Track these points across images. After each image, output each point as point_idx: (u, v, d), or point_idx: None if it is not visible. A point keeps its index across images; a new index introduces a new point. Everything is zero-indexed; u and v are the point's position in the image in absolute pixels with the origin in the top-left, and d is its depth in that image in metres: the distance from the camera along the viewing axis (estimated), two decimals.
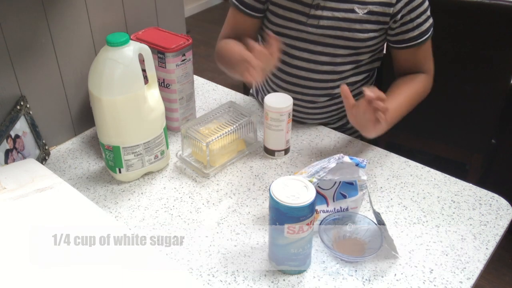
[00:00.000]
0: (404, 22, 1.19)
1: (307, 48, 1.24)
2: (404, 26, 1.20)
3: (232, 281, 0.90)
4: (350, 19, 1.18)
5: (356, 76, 1.29)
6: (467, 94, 1.65)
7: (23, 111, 1.14)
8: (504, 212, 1.04)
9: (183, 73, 1.24)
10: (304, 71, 1.26)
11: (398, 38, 1.22)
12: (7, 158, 1.08)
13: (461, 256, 0.94)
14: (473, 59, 1.59)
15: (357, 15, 1.17)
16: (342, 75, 1.26)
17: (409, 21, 1.19)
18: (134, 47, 1.03)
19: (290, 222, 0.83)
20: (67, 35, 1.20)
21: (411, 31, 1.20)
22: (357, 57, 1.24)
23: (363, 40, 1.20)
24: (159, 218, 1.04)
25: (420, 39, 1.21)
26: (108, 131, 1.07)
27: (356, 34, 1.19)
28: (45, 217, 0.90)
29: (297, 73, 1.27)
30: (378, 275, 0.91)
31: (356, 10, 1.17)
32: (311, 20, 1.20)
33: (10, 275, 0.78)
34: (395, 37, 1.22)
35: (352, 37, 1.19)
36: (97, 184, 1.14)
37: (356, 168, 0.96)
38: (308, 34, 1.22)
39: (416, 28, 1.19)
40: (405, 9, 1.17)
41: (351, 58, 1.24)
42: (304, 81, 1.28)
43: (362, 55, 1.24)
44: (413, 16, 1.18)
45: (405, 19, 1.18)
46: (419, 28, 1.20)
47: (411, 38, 1.21)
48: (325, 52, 1.23)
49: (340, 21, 1.19)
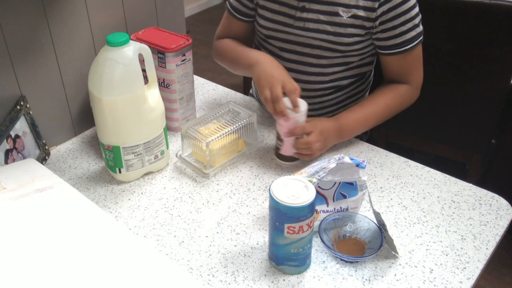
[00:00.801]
0: (386, 29, 1.18)
1: (295, 50, 1.25)
2: (385, 33, 1.19)
3: (232, 281, 0.90)
4: (334, 23, 1.18)
5: (347, 79, 1.30)
6: (467, 94, 1.65)
7: (23, 111, 1.14)
8: (504, 212, 1.04)
9: (183, 73, 1.24)
10: (294, 73, 1.28)
11: (381, 43, 1.22)
12: (7, 158, 1.08)
13: (461, 256, 0.95)
14: (473, 59, 1.59)
15: (341, 18, 1.18)
16: (331, 77, 1.27)
17: (391, 27, 1.18)
18: (134, 47, 1.03)
19: (290, 222, 0.83)
20: (67, 35, 1.20)
21: (393, 38, 1.19)
22: (344, 59, 1.25)
23: (348, 44, 1.21)
24: (159, 218, 1.04)
25: (403, 47, 1.20)
26: (108, 131, 1.07)
27: (340, 38, 1.19)
28: (45, 217, 0.90)
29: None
30: (378, 275, 0.91)
31: (340, 13, 1.17)
32: (298, 23, 1.22)
33: (10, 275, 0.78)
34: (379, 42, 1.22)
35: (336, 41, 1.20)
36: (97, 184, 1.14)
37: (356, 168, 0.96)
38: (296, 37, 1.23)
39: (399, 36, 1.19)
40: (387, 15, 1.17)
41: (338, 60, 1.24)
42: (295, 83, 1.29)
43: (350, 58, 1.25)
44: (396, 23, 1.17)
45: (386, 26, 1.18)
46: (402, 36, 1.18)
47: (393, 46, 1.20)
48: (312, 54, 1.24)
49: (325, 24, 1.19)
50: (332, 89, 1.30)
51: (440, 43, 1.59)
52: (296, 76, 1.27)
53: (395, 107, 1.25)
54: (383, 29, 1.19)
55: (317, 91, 1.29)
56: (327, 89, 1.29)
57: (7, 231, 0.86)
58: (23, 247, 0.83)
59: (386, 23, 1.18)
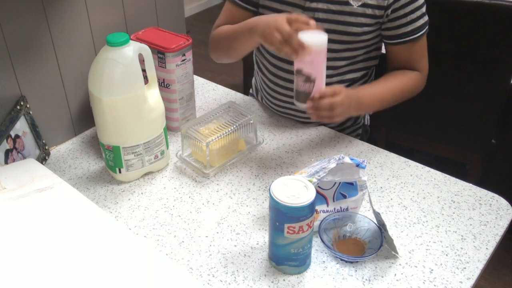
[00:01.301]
0: (397, 17, 1.18)
1: None
2: (397, 21, 1.19)
3: (232, 281, 0.90)
4: (344, 12, 1.18)
5: (353, 73, 1.29)
6: (467, 94, 1.65)
7: (23, 111, 1.14)
8: (504, 212, 1.04)
9: (183, 73, 1.24)
10: None
11: (391, 33, 1.22)
12: (7, 158, 1.08)
13: (461, 256, 0.95)
14: (473, 59, 1.60)
15: (351, 7, 1.17)
16: (338, 70, 1.26)
17: (402, 15, 1.18)
18: (134, 47, 1.03)
19: (290, 222, 0.83)
20: (67, 35, 1.20)
21: (404, 26, 1.19)
22: (351, 53, 1.24)
23: (357, 34, 1.20)
24: (159, 218, 1.04)
25: (413, 35, 1.20)
26: (108, 131, 1.07)
27: (350, 28, 1.19)
28: (45, 217, 0.90)
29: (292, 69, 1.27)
30: (378, 275, 0.91)
31: (351, 2, 1.17)
32: (307, 13, 1.20)
33: (10, 275, 0.78)
34: (388, 32, 1.22)
35: (346, 31, 1.19)
36: (97, 184, 1.14)
37: (356, 169, 0.96)
38: None
39: (410, 24, 1.19)
40: (398, 2, 1.17)
41: (345, 53, 1.24)
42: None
43: (356, 51, 1.24)
44: (406, 10, 1.17)
45: (398, 13, 1.18)
46: (412, 24, 1.19)
47: (404, 34, 1.20)
48: None
49: (335, 14, 1.18)
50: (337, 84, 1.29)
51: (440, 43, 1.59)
52: None
53: (409, 90, 1.25)
54: (395, 17, 1.19)
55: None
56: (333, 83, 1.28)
57: (7, 231, 0.86)
58: (23, 247, 0.83)
59: (398, 10, 1.17)
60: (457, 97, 1.67)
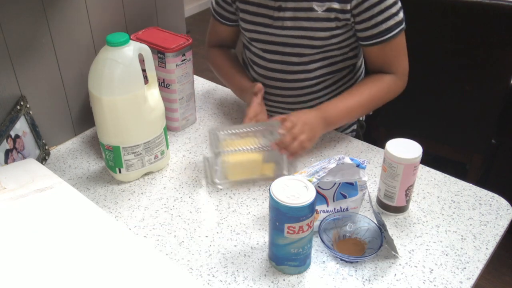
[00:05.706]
0: (363, 19, 1.17)
1: (277, 50, 1.25)
2: (363, 23, 1.18)
3: (232, 281, 0.90)
4: (310, 18, 1.18)
5: (333, 74, 1.29)
6: (467, 94, 1.65)
7: (23, 111, 1.14)
8: (504, 212, 1.04)
9: (183, 73, 1.24)
10: (279, 73, 1.28)
11: (360, 34, 1.21)
12: (7, 158, 1.08)
13: (461, 256, 0.95)
14: (473, 59, 1.59)
15: (316, 13, 1.17)
16: (315, 73, 1.27)
17: (368, 18, 1.17)
18: (134, 47, 1.03)
19: (290, 222, 0.83)
20: (67, 35, 1.20)
21: (370, 29, 1.18)
22: (325, 54, 1.24)
23: (325, 38, 1.20)
24: (159, 218, 1.04)
25: (383, 36, 1.18)
26: (108, 131, 1.07)
27: (317, 33, 1.19)
28: (45, 217, 0.90)
29: (274, 76, 1.29)
30: (378, 275, 0.91)
31: (315, 8, 1.17)
32: (277, 23, 1.22)
33: (10, 275, 0.78)
34: (359, 33, 1.21)
35: (314, 36, 1.20)
36: (97, 184, 1.14)
37: (356, 169, 0.96)
38: (276, 37, 1.23)
39: (376, 26, 1.17)
40: (361, 6, 1.15)
41: (319, 56, 1.24)
42: (281, 83, 1.29)
43: (330, 52, 1.24)
44: (372, 13, 1.16)
45: (363, 16, 1.17)
46: (379, 26, 1.17)
47: (373, 36, 1.19)
48: (293, 53, 1.24)
49: (302, 21, 1.19)
50: (320, 86, 1.29)
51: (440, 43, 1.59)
52: (281, 76, 1.27)
53: (381, 97, 1.24)
54: (360, 20, 1.18)
55: (305, 89, 1.29)
56: (313, 85, 1.28)
57: (7, 231, 0.86)
58: (23, 247, 0.83)
59: (362, 13, 1.16)
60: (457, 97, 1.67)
